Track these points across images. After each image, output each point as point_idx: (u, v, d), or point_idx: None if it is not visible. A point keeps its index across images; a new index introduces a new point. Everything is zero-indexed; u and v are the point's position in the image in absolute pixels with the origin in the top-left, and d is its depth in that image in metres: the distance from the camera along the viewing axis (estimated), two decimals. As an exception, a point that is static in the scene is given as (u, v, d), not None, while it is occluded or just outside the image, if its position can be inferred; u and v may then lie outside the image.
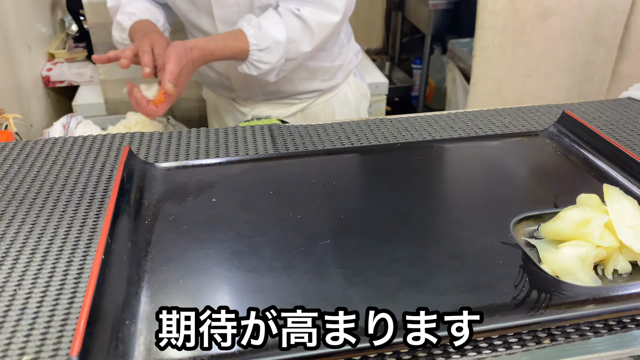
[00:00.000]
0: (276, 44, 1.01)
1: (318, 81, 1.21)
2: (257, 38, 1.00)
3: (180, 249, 0.48)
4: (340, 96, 1.26)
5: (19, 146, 0.68)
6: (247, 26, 1.00)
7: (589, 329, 0.43)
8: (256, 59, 1.00)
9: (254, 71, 1.02)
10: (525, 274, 0.46)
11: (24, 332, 0.42)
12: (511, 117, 0.77)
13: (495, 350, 0.41)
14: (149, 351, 0.39)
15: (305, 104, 1.22)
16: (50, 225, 0.54)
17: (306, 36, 1.03)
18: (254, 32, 1.00)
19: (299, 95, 1.20)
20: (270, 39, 1.00)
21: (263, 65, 1.02)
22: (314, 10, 1.03)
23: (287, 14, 1.02)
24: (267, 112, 1.20)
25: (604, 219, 0.49)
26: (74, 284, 0.46)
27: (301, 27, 1.03)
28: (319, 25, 1.04)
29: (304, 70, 1.17)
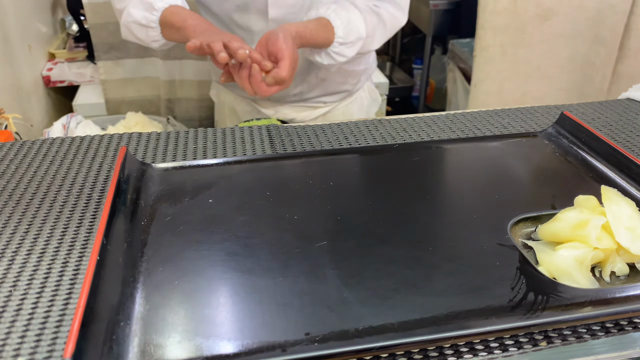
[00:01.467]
0: (359, 39, 1.02)
1: (348, 84, 1.21)
2: (344, 31, 1.00)
3: (176, 250, 0.48)
4: (357, 101, 1.26)
5: (16, 146, 0.68)
6: (335, 18, 1.00)
7: (585, 331, 0.43)
8: (337, 51, 1.00)
9: (326, 61, 1.01)
10: (522, 276, 0.46)
11: (18, 334, 0.42)
12: (510, 118, 0.77)
13: (492, 353, 0.41)
14: (143, 353, 0.39)
15: (329, 107, 1.21)
16: (46, 226, 0.53)
17: (379, 34, 1.06)
18: (342, 25, 1.00)
19: (327, 97, 1.19)
20: (355, 34, 1.02)
21: (339, 57, 1.02)
22: (390, 9, 1.07)
23: (367, 10, 1.04)
24: (291, 114, 1.19)
25: (602, 220, 0.48)
26: (69, 285, 0.46)
27: (377, 24, 1.05)
28: (392, 25, 1.08)
29: (338, 73, 1.18)
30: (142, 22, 1.04)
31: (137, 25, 1.05)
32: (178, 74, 1.85)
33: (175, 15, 1.00)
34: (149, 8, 1.02)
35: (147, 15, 1.03)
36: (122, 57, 1.81)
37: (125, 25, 1.06)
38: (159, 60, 1.83)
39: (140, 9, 1.03)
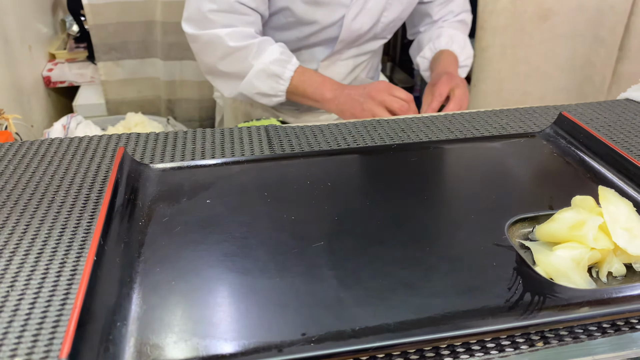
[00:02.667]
0: (469, 57, 1.20)
1: None
2: (463, 55, 1.17)
3: (174, 250, 0.48)
4: None
5: (14, 147, 0.68)
6: (456, 47, 1.16)
7: (582, 331, 0.43)
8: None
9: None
10: (519, 276, 0.46)
11: (15, 334, 0.42)
12: (508, 118, 0.77)
13: (488, 353, 0.41)
14: (139, 353, 0.39)
15: None
16: (44, 227, 0.54)
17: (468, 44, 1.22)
18: (460, 50, 1.17)
19: None
20: (468, 52, 1.19)
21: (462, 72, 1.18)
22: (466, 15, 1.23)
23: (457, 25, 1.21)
24: (309, 120, 1.20)
25: (599, 221, 0.48)
26: (66, 286, 0.46)
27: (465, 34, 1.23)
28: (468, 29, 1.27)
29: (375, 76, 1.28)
30: (268, 92, 1.01)
31: (261, 95, 1.02)
32: (178, 75, 1.86)
33: (307, 86, 0.99)
34: (275, 79, 0.99)
35: (274, 86, 1.00)
36: (123, 57, 1.82)
37: (243, 94, 1.03)
38: (159, 60, 1.83)
39: (264, 79, 1.00)
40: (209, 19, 0.96)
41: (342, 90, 0.98)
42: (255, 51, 0.98)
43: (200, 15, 0.97)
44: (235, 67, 1.00)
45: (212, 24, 0.97)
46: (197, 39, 1.00)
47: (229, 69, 1.00)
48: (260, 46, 0.98)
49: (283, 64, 0.98)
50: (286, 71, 0.99)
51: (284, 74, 0.99)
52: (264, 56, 0.98)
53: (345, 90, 0.98)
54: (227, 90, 1.05)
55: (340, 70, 1.15)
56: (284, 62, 0.99)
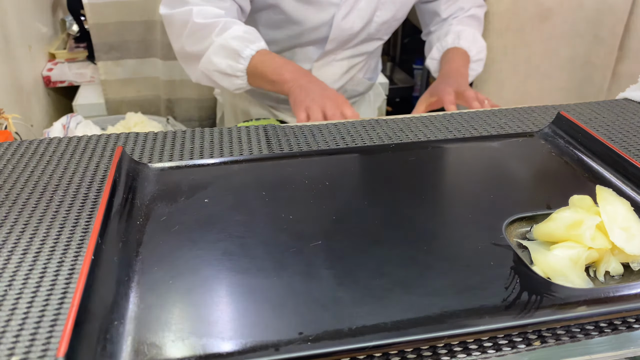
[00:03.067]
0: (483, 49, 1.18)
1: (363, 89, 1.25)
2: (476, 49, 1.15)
3: (171, 249, 0.48)
4: (365, 98, 1.28)
5: (13, 146, 0.68)
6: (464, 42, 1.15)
7: (579, 330, 0.43)
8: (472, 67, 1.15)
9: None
10: (517, 276, 0.46)
11: (13, 333, 0.42)
12: (507, 117, 0.77)
13: (485, 352, 0.41)
14: (137, 352, 0.39)
15: None
16: (42, 226, 0.54)
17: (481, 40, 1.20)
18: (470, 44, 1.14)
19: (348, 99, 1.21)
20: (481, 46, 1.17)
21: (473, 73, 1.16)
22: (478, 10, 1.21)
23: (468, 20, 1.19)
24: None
25: (596, 220, 0.48)
26: (64, 285, 0.46)
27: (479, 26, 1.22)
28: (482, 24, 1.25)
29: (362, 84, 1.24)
30: (227, 71, 0.96)
31: (220, 74, 0.97)
32: (178, 74, 1.86)
33: (267, 66, 0.94)
34: (234, 56, 0.94)
35: (232, 64, 0.95)
36: (122, 57, 1.82)
37: (203, 73, 0.99)
38: (158, 60, 1.83)
39: (223, 57, 0.95)
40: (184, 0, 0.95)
41: (303, 76, 0.92)
42: (220, 29, 0.94)
43: None
44: (198, 46, 0.96)
45: (184, 3, 0.95)
46: (170, 19, 0.98)
47: (192, 48, 0.97)
48: (226, 25, 0.94)
49: (245, 42, 0.94)
50: (247, 50, 0.94)
51: (243, 51, 0.94)
52: (227, 33, 0.94)
53: (306, 77, 0.92)
54: (192, 72, 1.01)
55: (335, 70, 1.14)
56: (246, 40, 0.94)
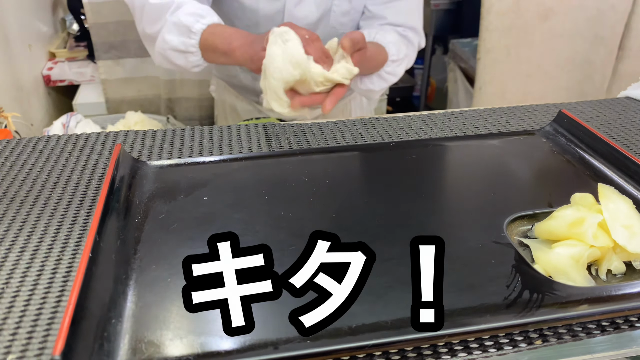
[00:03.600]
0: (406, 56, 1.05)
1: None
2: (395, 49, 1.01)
3: (170, 247, 0.48)
4: (357, 98, 1.26)
5: (12, 144, 0.68)
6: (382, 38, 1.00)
7: (581, 329, 0.43)
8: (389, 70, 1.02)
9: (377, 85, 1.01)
10: (518, 274, 0.46)
11: (10, 331, 0.41)
12: (508, 116, 0.76)
13: (486, 351, 0.41)
14: (134, 350, 0.38)
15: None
16: (40, 223, 0.53)
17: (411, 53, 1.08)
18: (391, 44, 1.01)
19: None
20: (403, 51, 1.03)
21: (391, 78, 1.03)
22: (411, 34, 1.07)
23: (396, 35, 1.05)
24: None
25: (598, 218, 0.48)
26: (62, 283, 0.46)
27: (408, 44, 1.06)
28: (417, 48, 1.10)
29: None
30: (180, 47, 0.94)
31: (174, 52, 0.95)
32: (178, 74, 1.85)
33: (217, 37, 0.91)
34: (185, 32, 0.92)
35: (185, 40, 0.93)
36: (123, 56, 1.81)
37: (160, 53, 0.97)
38: (159, 59, 1.83)
39: (175, 34, 0.93)
40: None
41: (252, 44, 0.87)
42: (174, 8, 0.93)
43: None
44: (154, 26, 0.95)
45: None
46: (132, 4, 0.97)
47: (150, 29, 0.96)
48: (180, 3, 0.93)
49: (196, 18, 0.91)
50: (197, 24, 0.91)
51: (194, 26, 0.91)
52: (180, 10, 0.92)
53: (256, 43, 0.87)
54: (153, 55, 1.00)
55: None
56: (197, 15, 0.92)
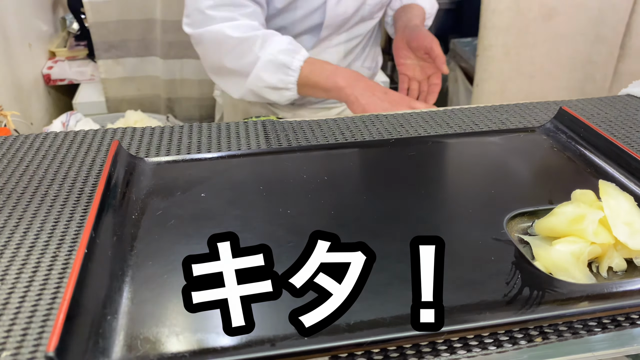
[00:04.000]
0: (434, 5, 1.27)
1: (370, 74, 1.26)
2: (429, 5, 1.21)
3: (167, 244, 0.48)
4: None
5: (9, 140, 0.68)
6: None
7: (582, 327, 0.42)
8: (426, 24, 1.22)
9: None
10: (518, 271, 0.45)
11: (4, 328, 0.41)
12: (508, 113, 0.76)
13: (486, 349, 0.40)
14: (129, 347, 0.38)
15: (343, 107, 1.21)
16: (37, 220, 0.53)
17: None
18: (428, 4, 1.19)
19: None
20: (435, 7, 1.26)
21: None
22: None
23: None
24: (307, 116, 1.17)
25: (599, 215, 0.48)
26: (58, 279, 0.46)
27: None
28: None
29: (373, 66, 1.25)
30: (278, 85, 0.95)
31: (270, 89, 0.96)
32: (178, 73, 1.85)
33: (317, 75, 0.93)
34: (284, 69, 0.94)
35: (283, 78, 0.94)
36: (123, 55, 1.81)
37: (251, 90, 0.97)
38: (159, 59, 1.83)
39: (272, 72, 0.94)
40: (208, 15, 0.95)
41: (358, 81, 0.93)
42: (261, 42, 0.94)
43: (199, 14, 0.95)
44: (241, 61, 0.96)
45: (212, 20, 0.95)
46: (200, 38, 0.98)
47: (234, 64, 0.96)
48: (266, 37, 0.94)
49: (291, 54, 0.94)
50: (295, 61, 0.93)
51: (292, 63, 0.93)
52: (271, 47, 0.94)
53: (362, 82, 0.93)
54: (235, 89, 1.01)
55: (331, 57, 1.11)
56: (292, 52, 0.94)
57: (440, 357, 0.40)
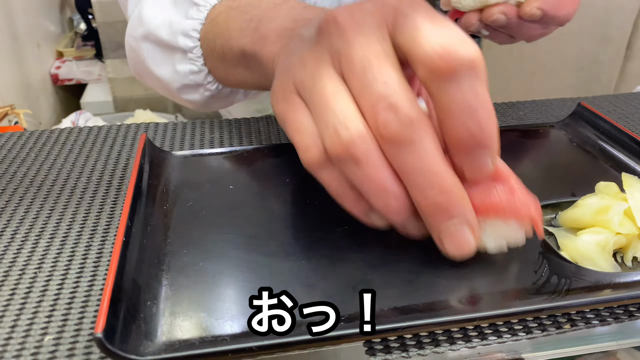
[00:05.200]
0: None
1: None
2: None
3: (199, 233, 0.48)
4: None
5: (35, 135, 0.69)
6: None
7: (609, 314, 0.43)
8: None
9: None
10: (545, 260, 0.46)
11: (45, 314, 0.42)
12: (526, 109, 0.77)
13: (516, 335, 0.41)
14: (170, 331, 0.39)
15: None
16: (68, 211, 0.54)
17: None
18: None
19: None
20: None
21: None
22: None
23: None
24: None
25: (624, 206, 0.49)
26: (93, 268, 0.47)
27: None
28: None
29: None
30: (170, 42, 0.65)
31: (161, 58, 0.70)
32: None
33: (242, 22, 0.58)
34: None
35: (180, 22, 0.64)
36: (130, 55, 1.82)
37: (133, 66, 0.75)
38: (167, 58, 1.84)
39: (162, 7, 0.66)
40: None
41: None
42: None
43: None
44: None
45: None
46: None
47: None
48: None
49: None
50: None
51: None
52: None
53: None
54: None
55: None
56: None
57: (471, 342, 0.41)
